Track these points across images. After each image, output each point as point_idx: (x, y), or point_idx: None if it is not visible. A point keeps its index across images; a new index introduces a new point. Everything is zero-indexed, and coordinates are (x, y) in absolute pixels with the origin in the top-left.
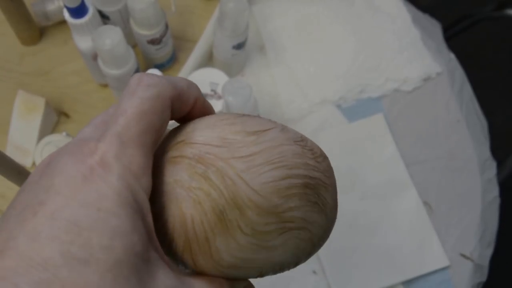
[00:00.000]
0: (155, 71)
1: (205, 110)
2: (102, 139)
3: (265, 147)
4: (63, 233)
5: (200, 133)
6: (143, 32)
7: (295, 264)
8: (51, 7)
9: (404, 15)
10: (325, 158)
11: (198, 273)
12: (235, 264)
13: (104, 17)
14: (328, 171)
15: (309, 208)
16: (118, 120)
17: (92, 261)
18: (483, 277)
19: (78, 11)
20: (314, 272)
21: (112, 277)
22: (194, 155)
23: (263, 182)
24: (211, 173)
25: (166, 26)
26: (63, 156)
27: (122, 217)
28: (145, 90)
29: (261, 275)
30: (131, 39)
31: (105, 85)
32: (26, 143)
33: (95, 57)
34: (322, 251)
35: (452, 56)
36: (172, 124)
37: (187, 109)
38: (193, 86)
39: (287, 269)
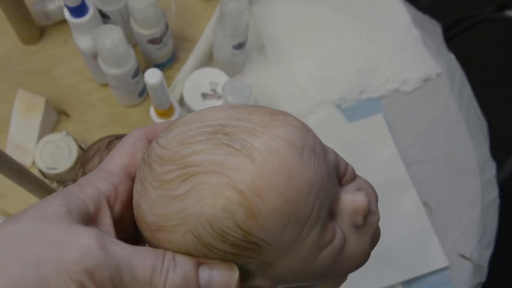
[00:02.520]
0: (155, 71)
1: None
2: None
3: (195, 114)
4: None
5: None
6: (143, 32)
7: (231, 216)
8: (51, 6)
9: (404, 15)
10: (273, 114)
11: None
12: (157, 224)
13: (105, 17)
14: (269, 122)
15: (217, 151)
16: (108, 156)
17: (31, 214)
18: (483, 278)
19: (79, 11)
20: None
21: (48, 225)
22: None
23: (170, 137)
24: (145, 155)
25: (166, 26)
26: None
27: (53, 196)
28: (126, 137)
29: (196, 238)
30: (131, 39)
31: (105, 85)
32: (26, 142)
33: (95, 56)
34: None
35: (452, 57)
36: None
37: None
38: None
39: (220, 223)
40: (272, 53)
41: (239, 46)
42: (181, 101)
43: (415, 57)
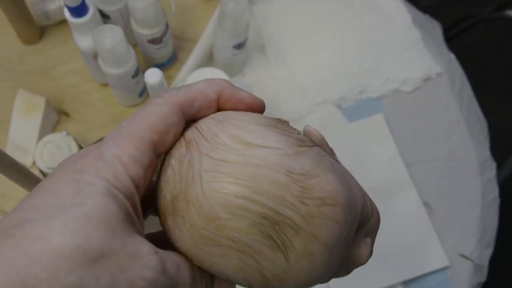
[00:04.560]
0: (155, 71)
1: (237, 101)
2: (108, 136)
3: (244, 161)
4: (42, 201)
5: (207, 121)
6: (144, 32)
7: (247, 284)
8: (51, 6)
9: (405, 15)
10: (323, 205)
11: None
12: (180, 250)
13: (105, 17)
14: (315, 218)
15: (259, 239)
16: (130, 118)
17: (60, 214)
18: (483, 277)
19: (79, 11)
20: None
21: (77, 225)
22: (188, 137)
23: (215, 190)
24: (185, 159)
25: (167, 26)
26: (77, 152)
27: (97, 185)
28: (155, 99)
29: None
30: (131, 39)
31: (106, 85)
32: (26, 142)
33: (95, 56)
34: None
35: (452, 56)
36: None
37: (211, 105)
38: (212, 83)
39: (241, 283)
40: (272, 53)
41: (239, 46)
42: None
43: (415, 57)
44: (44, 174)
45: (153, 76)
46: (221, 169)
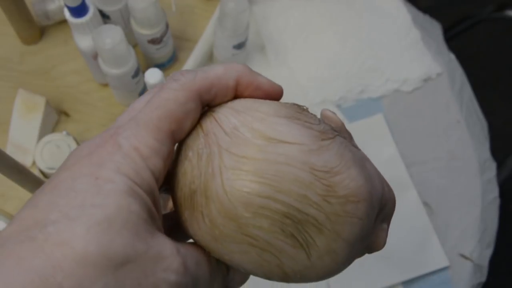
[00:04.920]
0: (155, 71)
1: (255, 88)
2: (123, 125)
3: (266, 158)
4: (60, 198)
5: (226, 111)
6: (144, 32)
7: (266, 278)
8: (51, 6)
9: (404, 15)
10: (347, 203)
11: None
12: (198, 243)
13: (105, 17)
14: (338, 216)
15: (281, 237)
16: (142, 108)
17: (82, 216)
18: (483, 278)
19: (79, 11)
20: None
21: (99, 230)
22: (205, 128)
23: (237, 188)
24: (203, 153)
25: (167, 26)
26: (89, 140)
27: (118, 182)
28: (170, 83)
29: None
30: (131, 39)
31: (106, 85)
32: (26, 142)
33: (95, 56)
34: None
35: (452, 56)
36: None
37: (228, 92)
38: (231, 69)
39: (259, 276)
40: (273, 53)
41: (239, 46)
42: None
43: (415, 57)
44: (44, 174)
45: (153, 76)
46: (242, 166)
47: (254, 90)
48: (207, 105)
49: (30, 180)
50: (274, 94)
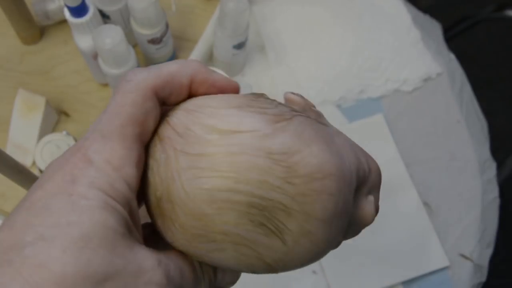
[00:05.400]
0: None
1: (210, 86)
2: (88, 138)
3: (220, 151)
4: (36, 219)
5: (178, 114)
6: (144, 32)
7: (251, 272)
8: (51, 6)
9: (404, 15)
10: (312, 180)
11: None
12: (178, 249)
13: (105, 17)
14: (305, 196)
15: (251, 228)
16: (101, 118)
17: (58, 236)
18: (483, 277)
19: (79, 11)
20: (314, 272)
21: (76, 249)
22: (161, 134)
23: (196, 186)
24: (161, 159)
25: (167, 26)
26: (58, 157)
27: (92, 198)
28: (124, 85)
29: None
30: (131, 39)
31: (106, 85)
32: (26, 142)
33: (95, 56)
34: None
35: (452, 56)
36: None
37: (183, 90)
38: (185, 66)
39: (245, 272)
40: (273, 53)
41: (239, 46)
42: None
43: (415, 57)
44: None
45: None
46: (198, 164)
47: (209, 87)
48: (163, 103)
49: (30, 180)
50: (229, 90)
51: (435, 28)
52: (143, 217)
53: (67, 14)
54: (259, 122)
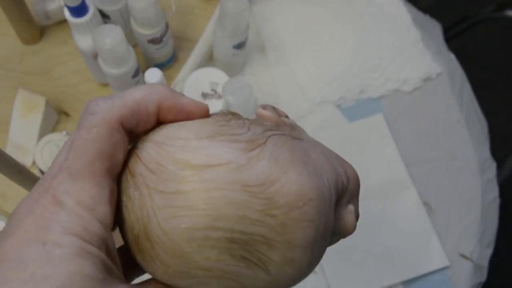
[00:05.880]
0: (155, 71)
1: (179, 111)
2: (56, 176)
3: (195, 188)
4: (10, 272)
5: (148, 146)
6: (144, 32)
7: None
8: (51, 6)
9: (404, 15)
10: (291, 210)
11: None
12: (160, 281)
13: (105, 16)
14: (286, 226)
15: (233, 262)
16: (67, 155)
17: None
18: (483, 277)
19: (79, 10)
20: (314, 272)
21: None
22: (132, 169)
23: (174, 227)
24: (135, 196)
25: (167, 26)
26: (25, 198)
27: (66, 245)
28: (88, 119)
29: None
30: (131, 39)
31: (106, 85)
32: (26, 142)
33: (95, 56)
34: None
35: (452, 56)
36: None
37: (150, 118)
38: (151, 93)
39: None
40: (273, 53)
41: (239, 46)
42: None
43: (415, 57)
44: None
45: (153, 76)
46: (174, 203)
47: (178, 113)
48: (130, 132)
49: (30, 180)
50: (199, 114)
51: (435, 28)
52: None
53: (67, 14)
54: (233, 152)
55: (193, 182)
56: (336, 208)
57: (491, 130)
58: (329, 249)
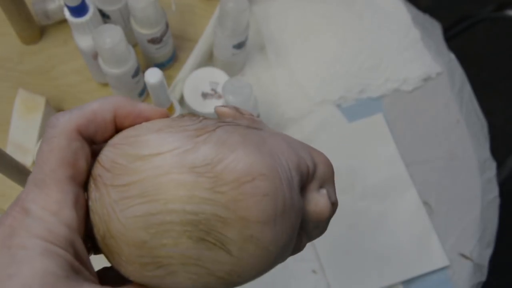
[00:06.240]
0: (155, 71)
1: (136, 117)
2: (24, 189)
3: (145, 176)
4: None
5: (105, 150)
6: (144, 31)
7: None
8: (51, 6)
9: (404, 15)
10: (240, 185)
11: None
12: (136, 282)
13: (105, 16)
14: (237, 201)
15: (191, 245)
16: (34, 168)
17: None
18: (483, 277)
19: (79, 10)
20: (314, 271)
21: None
22: (93, 174)
23: (130, 216)
24: (96, 198)
25: (167, 25)
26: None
27: (31, 247)
28: (48, 132)
29: None
30: (131, 38)
31: (106, 84)
32: (26, 141)
33: (95, 56)
34: (322, 251)
35: (452, 56)
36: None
37: (107, 126)
38: (106, 103)
39: None
40: (273, 53)
41: (240, 46)
42: (181, 100)
43: (415, 57)
44: None
45: (153, 76)
46: (128, 194)
47: (135, 118)
48: (92, 142)
49: None
50: (157, 118)
51: (435, 28)
52: None
53: (67, 13)
54: (179, 140)
55: (142, 171)
56: (305, 192)
57: (491, 130)
58: (329, 249)
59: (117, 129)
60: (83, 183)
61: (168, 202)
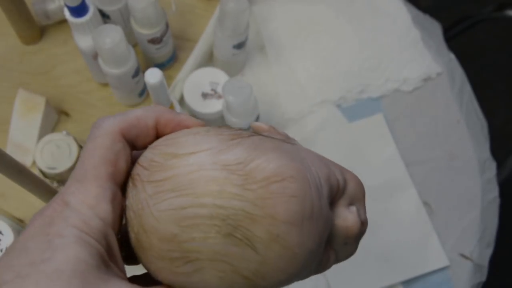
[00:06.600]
0: (155, 71)
1: (176, 125)
2: (67, 184)
3: (179, 172)
4: (15, 260)
5: (145, 152)
6: (144, 31)
7: None
8: (51, 6)
9: (404, 15)
10: (270, 184)
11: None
12: (164, 283)
13: (105, 16)
14: (266, 199)
15: (220, 240)
16: (77, 164)
17: (32, 273)
18: (483, 277)
19: (79, 10)
20: None
21: (49, 282)
22: (132, 174)
23: (162, 209)
24: (133, 194)
25: (167, 26)
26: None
27: (66, 235)
28: (94, 132)
29: None
30: (131, 38)
31: (106, 84)
32: (26, 141)
33: (95, 56)
34: None
35: (452, 56)
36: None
37: (149, 131)
38: (150, 110)
39: None
40: (273, 53)
41: (240, 46)
42: (181, 100)
43: (415, 57)
44: (44, 174)
45: (153, 76)
46: (161, 188)
47: (175, 126)
48: (133, 146)
49: (30, 180)
50: (196, 127)
51: (435, 28)
52: None
53: (67, 14)
54: (215, 141)
55: (177, 168)
56: (334, 207)
57: (491, 130)
58: None
59: (158, 136)
60: (122, 183)
61: (199, 196)
